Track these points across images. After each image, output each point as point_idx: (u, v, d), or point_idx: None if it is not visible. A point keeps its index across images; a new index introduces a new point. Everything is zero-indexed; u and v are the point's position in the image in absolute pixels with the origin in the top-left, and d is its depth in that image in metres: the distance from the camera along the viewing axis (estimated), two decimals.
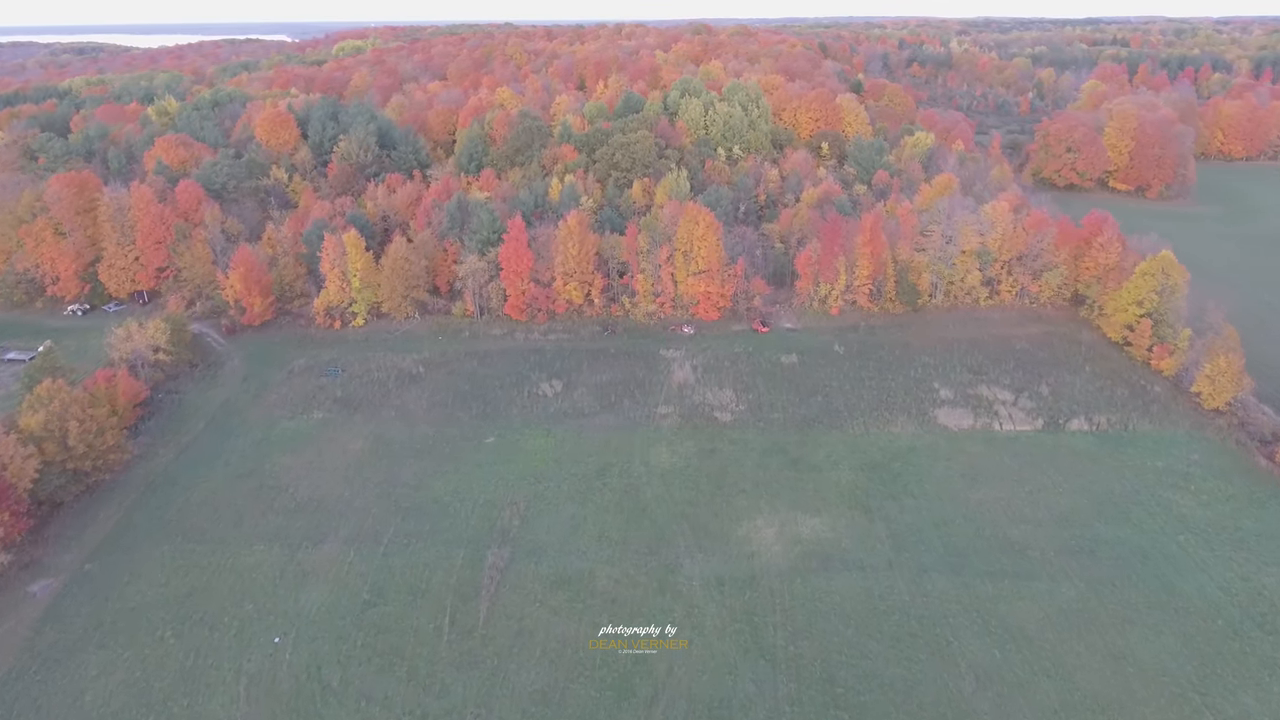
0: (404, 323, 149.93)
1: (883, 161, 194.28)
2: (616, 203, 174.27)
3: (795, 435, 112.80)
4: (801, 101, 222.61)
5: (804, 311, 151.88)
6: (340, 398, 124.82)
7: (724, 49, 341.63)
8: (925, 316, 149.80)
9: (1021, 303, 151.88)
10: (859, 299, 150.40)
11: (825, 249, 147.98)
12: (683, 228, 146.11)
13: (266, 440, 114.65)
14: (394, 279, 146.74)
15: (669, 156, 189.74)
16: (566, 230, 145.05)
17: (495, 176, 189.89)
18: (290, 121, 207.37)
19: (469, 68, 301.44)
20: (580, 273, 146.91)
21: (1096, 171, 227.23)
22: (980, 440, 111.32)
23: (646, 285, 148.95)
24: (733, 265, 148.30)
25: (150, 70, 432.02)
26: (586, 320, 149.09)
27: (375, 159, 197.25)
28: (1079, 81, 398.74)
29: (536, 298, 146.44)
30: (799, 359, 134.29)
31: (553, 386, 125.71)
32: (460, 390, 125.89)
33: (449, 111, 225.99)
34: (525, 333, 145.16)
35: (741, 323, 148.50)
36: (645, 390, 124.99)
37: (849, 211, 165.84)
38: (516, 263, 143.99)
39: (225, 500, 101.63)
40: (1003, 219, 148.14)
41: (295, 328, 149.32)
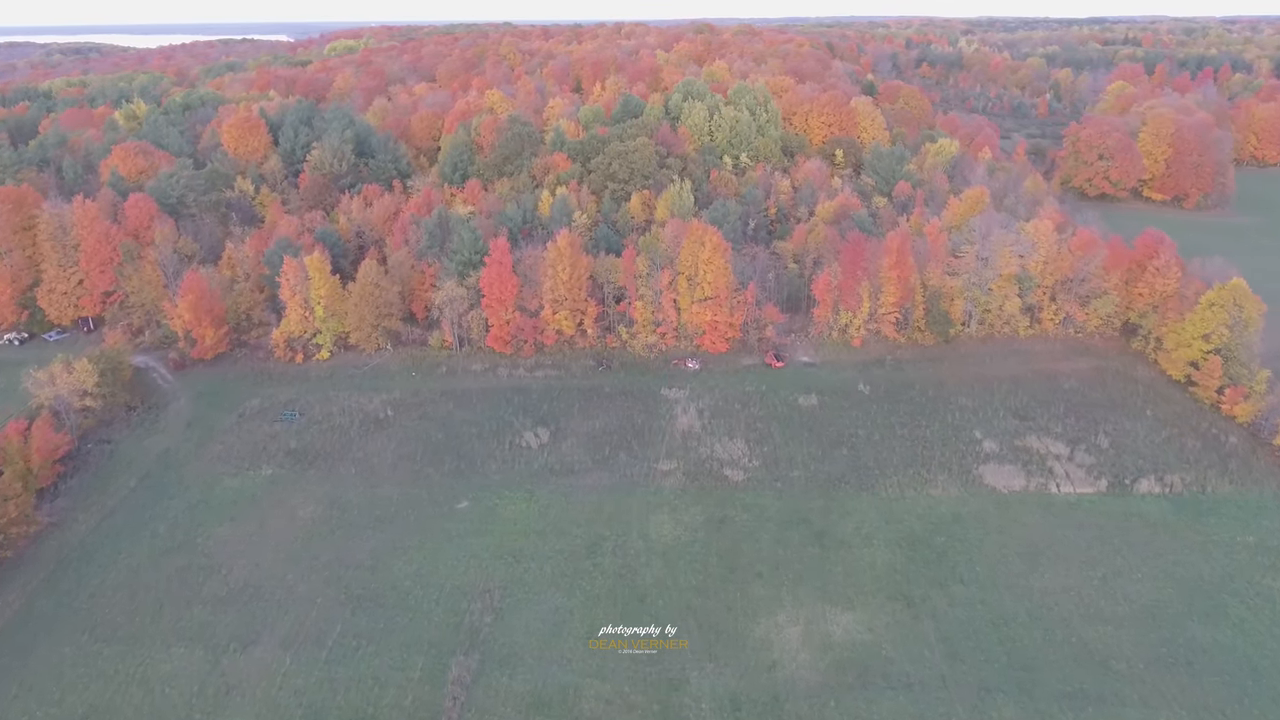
0: (374, 355, 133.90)
1: (903, 171, 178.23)
2: (613, 218, 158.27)
3: (819, 499, 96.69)
4: (813, 105, 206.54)
5: (822, 343, 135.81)
6: (294, 449, 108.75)
7: (728, 49, 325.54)
8: (958, 349, 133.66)
9: (1065, 332, 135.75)
10: (884, 328, 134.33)
11: (846, 273, 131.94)
12: (686, 249, 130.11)
13: (204, 504, 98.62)
14: (363, 307, 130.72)
15: (670, 166, 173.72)
16: (556, 252, 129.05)
17: (481, 188, 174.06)
18: (261, 127, 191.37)
19: (459, 68, 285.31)
20: (571, 300, 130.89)
21: (1131, 180, 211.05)
22: (1036, 506, 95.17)
23: (646, 313, 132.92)
24: (742, 291, 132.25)
25: (131, 72, 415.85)
26: (579, 353, 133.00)
27: (351, 168, 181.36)
28: (1097, 82, 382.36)
29: (522, 328, 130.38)
30: (819, 401, 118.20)
31: (538, 436, 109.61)
32: (432, 440, 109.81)
33: (434, 116, 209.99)
34: (509, 368, 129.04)
35: (753, 356, 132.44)
36: (644, 440, 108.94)
37: (870, 229, 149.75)
38: (499, 289, 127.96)
39: (147, 583, 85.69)
40: (1046, 239, 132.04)
41: (252, 361, 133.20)
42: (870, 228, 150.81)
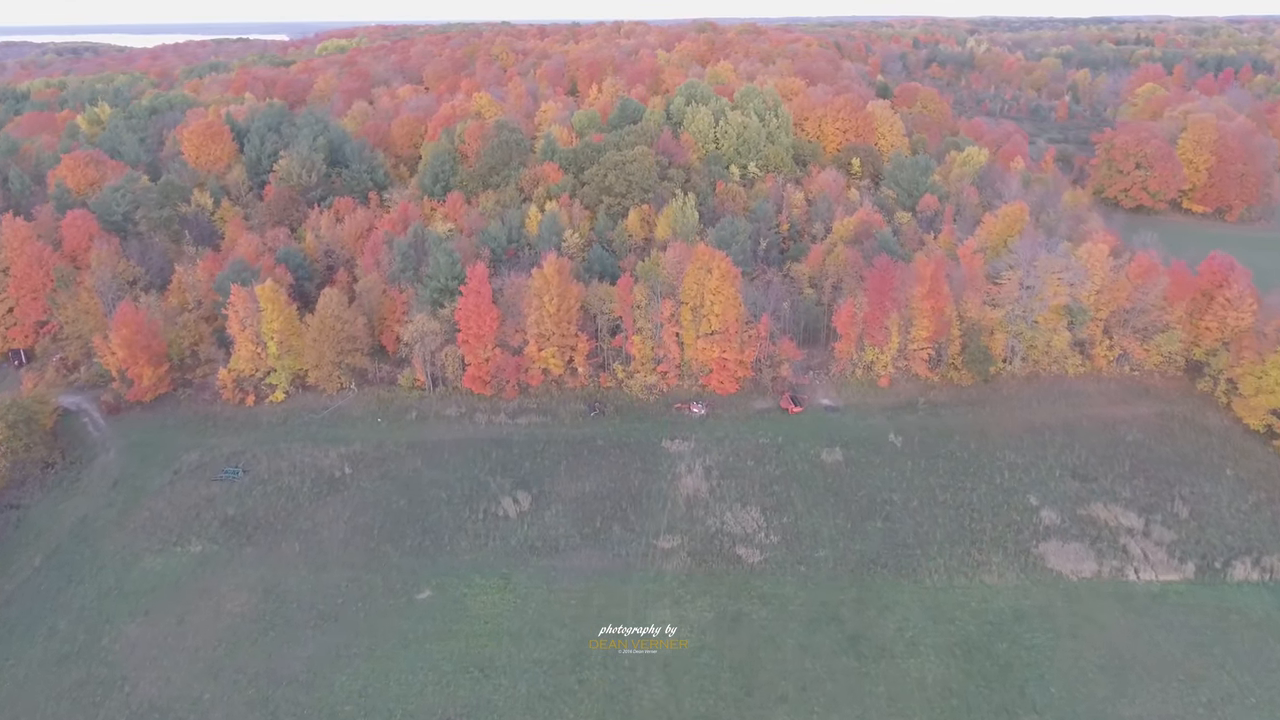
0: (336, 397, 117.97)
1: (928, 183, 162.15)
2: (607, 236, 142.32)
3: (851, 588, 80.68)
4: (827, 109, 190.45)
5: (845, 382, 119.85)
6: (231, 517, 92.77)
7: (732, 48, 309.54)
8: (1000, 390, 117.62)
9: (1120, 371, 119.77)
10: (915, 366, 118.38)
11: (873, 303, 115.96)
12: (690, 276, 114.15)
13: (118, 590, 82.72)
14: (323, 342, 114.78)
15: (672, 178, 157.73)
16: (542, 280, 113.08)
17: (464, 201, 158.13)
18: (224, 134, 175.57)
19: (448, 69, 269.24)
20: (560, 335, 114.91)
21: (1171, 191, 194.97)
22: (1113, 599, 79.15)
23: (645, 349, 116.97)
24: (755, 324, 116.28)
25: (111, 72, 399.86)
26: (568, 395, 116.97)
27: (322, 179, 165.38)
28: (1117, 84, 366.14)
29: (503, 367, 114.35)
30: (844, 456, 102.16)
31: (518, 502, 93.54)
32: (393, 507, 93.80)
33: (416, 121, 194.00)
34: (488, 413, 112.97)
35: (766, 398, 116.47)
36: (642, 508, 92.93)
37: (895, 250, 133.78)
38: (477, 323, 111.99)
39: (31, 704, 69.81)
40: (1100, 265, 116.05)
41: (197, 404, 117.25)
42: (895, 249, 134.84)
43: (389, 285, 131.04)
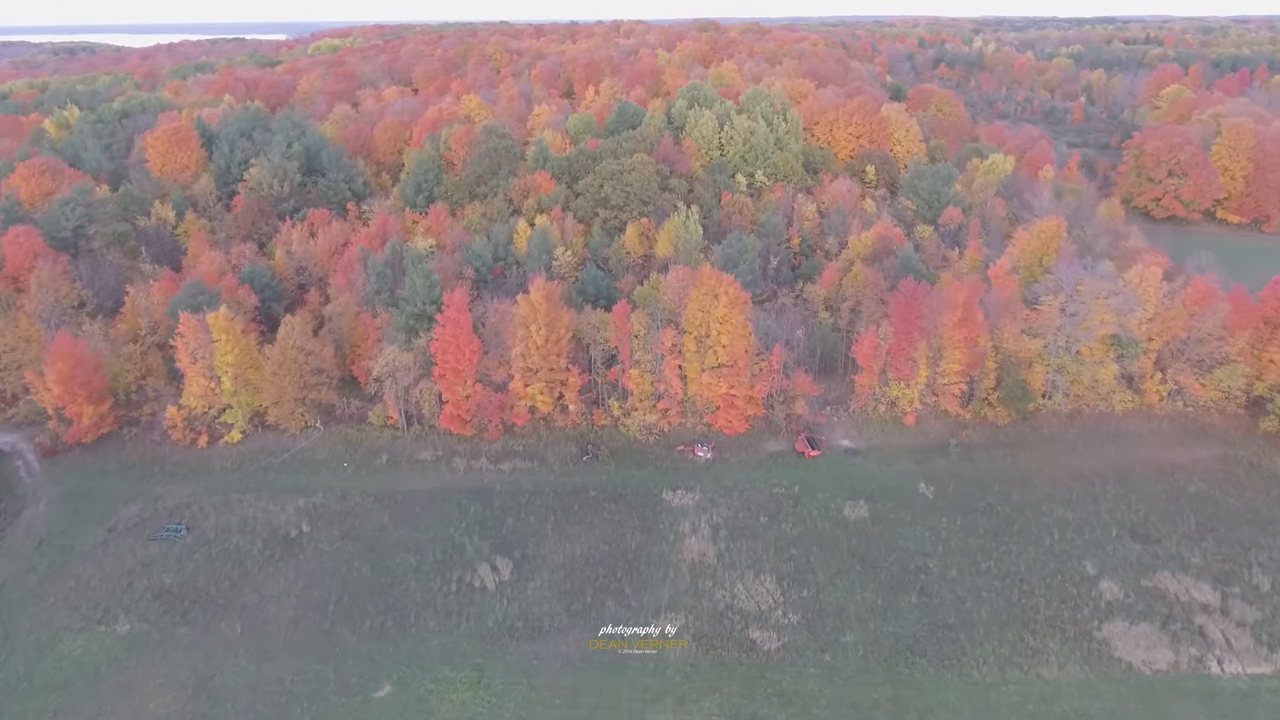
0: (300, 437, 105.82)
1: (951, 194, 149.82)
2: (603, 254, 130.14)
3: (884, 685, 68.53)
4: (839, 113, 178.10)
5: (866, 420, 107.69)
6: (168, 588, 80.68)
7: (736, 48, 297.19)
8: (1040, 429, 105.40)
9: (1172, 407, 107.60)
10: (944, 402, 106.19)
11: (898, 332, 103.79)
12: (695, 303, 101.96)
13: (27, 684, 70.65)
14: (284, 376, 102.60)
15: (674, 189, 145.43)
16: (529, 307, 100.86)
17: (449, 213, 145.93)
18: (192, 140, 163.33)
19: (438, 70, 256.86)
20: (548, 368, 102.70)
21: (1206, 200, 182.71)
22: (1195, 698, 67.02)
23: (644, 384, 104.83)
24: (767, 355, 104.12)
25: (94, 73, 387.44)
26: (557, 435, 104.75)
27: (296, 189, 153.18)
28: (1134, 85, 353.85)
29: (485, 405, 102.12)
30: (870, 510, 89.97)
31: (497, 570, 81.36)
32: (353, 577, 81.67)
33: (400, 125, 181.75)
34: (468, 456, 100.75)
35: (779, 438, 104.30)
36: (640, 578, 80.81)
37: (919, 270, 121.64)
38: (456, 356, 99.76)
39: None
40: (1153, 291, 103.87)
41: (144, 445, 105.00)
42: (919, 268, 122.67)
43: (363, 308, 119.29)
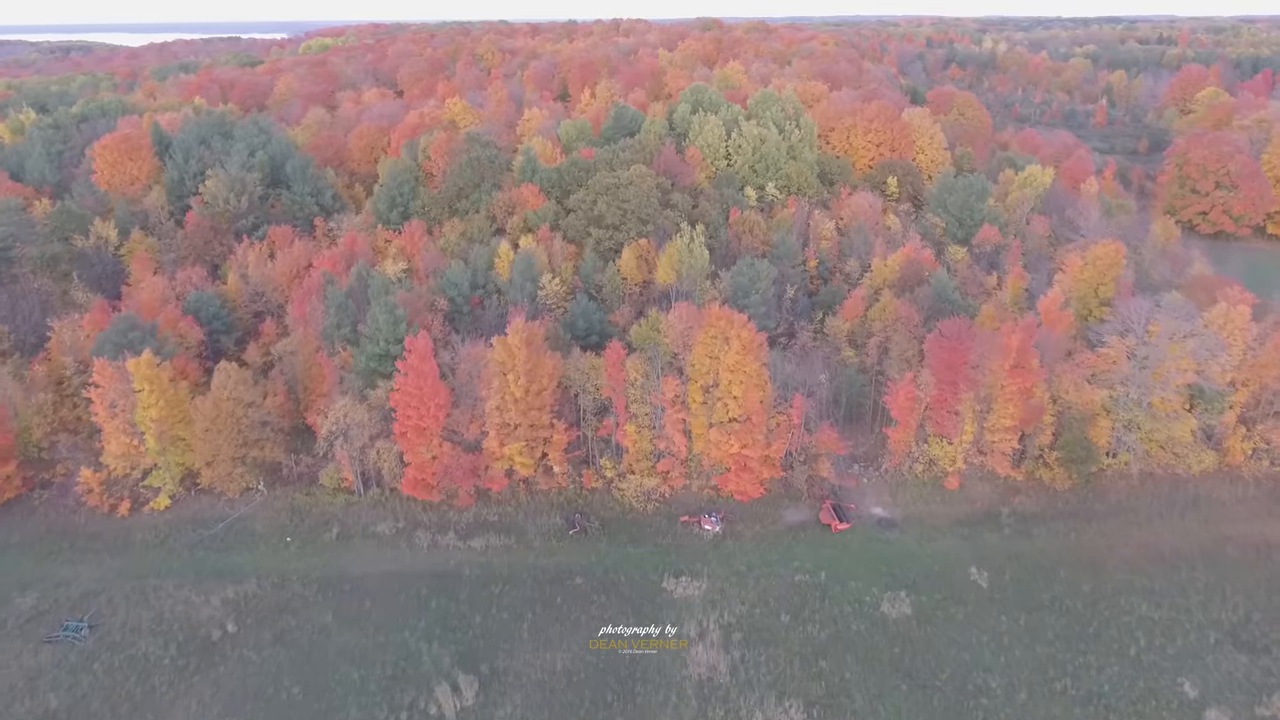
0: (239, 502, 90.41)
1: (985, 210, 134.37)
2: (596, 281, 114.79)
3: None
4: (857, 118, 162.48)
5: (901, 482, 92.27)
6: (53, 713, 65.29)
7: (741, 47, 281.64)
8: (1106, 496, 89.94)
9: (1258, 467, 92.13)
10: (993, 462, 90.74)
11: (940, 381, 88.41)
12: (701, 347, 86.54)
13: None
14: (219, 433, 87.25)
15: (677, 204, 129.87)
16: (506, 353, 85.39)
17: (425, 231, 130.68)
18: (144, 148, 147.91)
19: (424, 71, 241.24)
20: (529, 424, 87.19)
21: (1258, 215, 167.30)
22: None
23: (641, 441, 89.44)
24: (785, 407, 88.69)
25: (70, 73, 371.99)
26: (540, 502, 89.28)
27: (256, 204, 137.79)
28: (1158, 86, 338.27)
29: (455, 468, 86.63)
30: (914, 606, 74.54)
31: (458, 691, 65.78)
32: (280, 699, 66.17)
33: (377, 132, 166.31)
34: (434, 529, 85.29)
35: (800, 506, 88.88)
36: (635, 700, 65.32)
37: (957, 302, 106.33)
38: (419, 411, 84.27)
39: None
40: (1240, 334, 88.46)
41: (56, 513, 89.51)
42: (956, 299, 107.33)
43: (322, 345, 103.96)
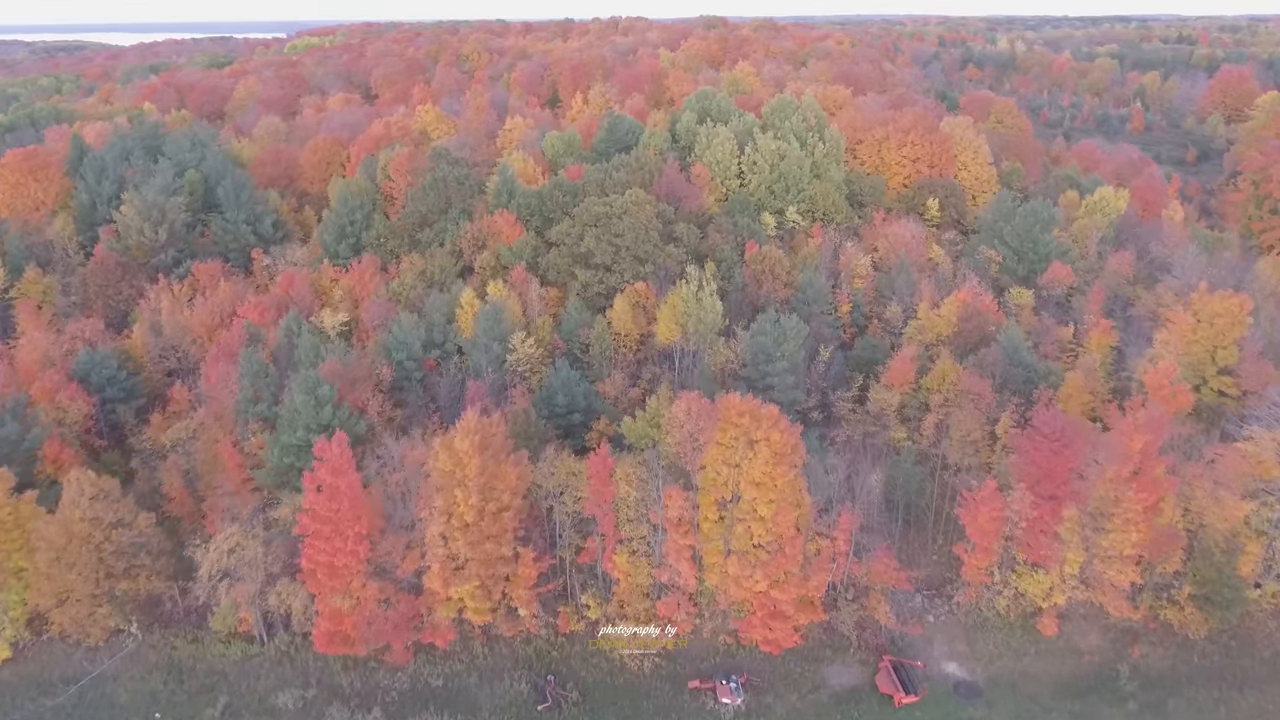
0: (103, 651, 67.95)
1: (1052, 243, 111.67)
2: (582, 340, 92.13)
3: None
4: (890, 129, 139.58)
5: (980, 623, 69.73)
6: None
7: (750, 47, 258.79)
8: (1255, 646, 67.40)
9: None
10: (1103, 597, 68.22)
11: (1034, 492, 65.87)
12: (716, 453, 63.86)
13: None
14: (70, 564, 64.79)
15: (681, 238, 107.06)
16: (453, 462, 62.70)
17: (380, 268, 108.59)
18: (52, 167, 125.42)
19: (400, 74, 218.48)
20: (483, 557, 64.41)
21: None
22: None
23: (636, 574, 66.82)
24: (829, 524, 66.09)
25: (35, 75, 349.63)
26: (500, 657, 66.57)
27: (179, 234, 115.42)
28: (1195, 89, 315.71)
29: (382, 619, 63.88)
30: None
31: None
32: None
33: (335, 144, 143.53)
34: (353, 705, 62.62)
35: (848, 660, 66.32)
36: None
37: (1036, 368, 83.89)
38: (332, 540, 61.54)
39: None
40: None
41: None
42: (1036, 365, 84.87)
43: (234, 425, 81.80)
